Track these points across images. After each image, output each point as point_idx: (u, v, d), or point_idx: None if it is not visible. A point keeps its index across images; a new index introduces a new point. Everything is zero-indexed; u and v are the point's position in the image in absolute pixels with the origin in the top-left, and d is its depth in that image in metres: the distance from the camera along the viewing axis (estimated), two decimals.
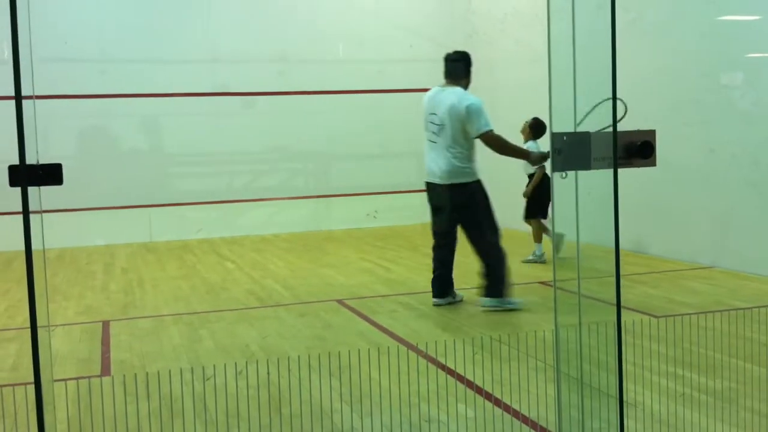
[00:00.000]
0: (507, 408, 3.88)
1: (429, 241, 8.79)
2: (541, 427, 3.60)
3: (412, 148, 12.31)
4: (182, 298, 7.05)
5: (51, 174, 2.05)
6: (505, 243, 6.21)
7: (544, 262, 8.17)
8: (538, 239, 8.26)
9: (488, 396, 4.04)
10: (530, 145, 8.08)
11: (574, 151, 2.76)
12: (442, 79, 6.31)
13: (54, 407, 2.86)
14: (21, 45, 2.11)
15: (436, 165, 6.16)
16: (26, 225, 1.99)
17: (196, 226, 11.24)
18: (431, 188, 6.31)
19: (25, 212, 2.02)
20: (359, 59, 11.94)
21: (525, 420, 3.69)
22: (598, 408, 2.85)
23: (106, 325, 6.01)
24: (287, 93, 11.68)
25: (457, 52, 6.36)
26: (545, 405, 3.82)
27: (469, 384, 4.24)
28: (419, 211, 12.35)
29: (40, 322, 2.30)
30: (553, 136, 2.74)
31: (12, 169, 2.03)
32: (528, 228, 8.59)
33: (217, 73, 11.42)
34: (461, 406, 3.93)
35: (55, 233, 8.94)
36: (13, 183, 2.04)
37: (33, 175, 2.05)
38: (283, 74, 11.62)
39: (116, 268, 8.93)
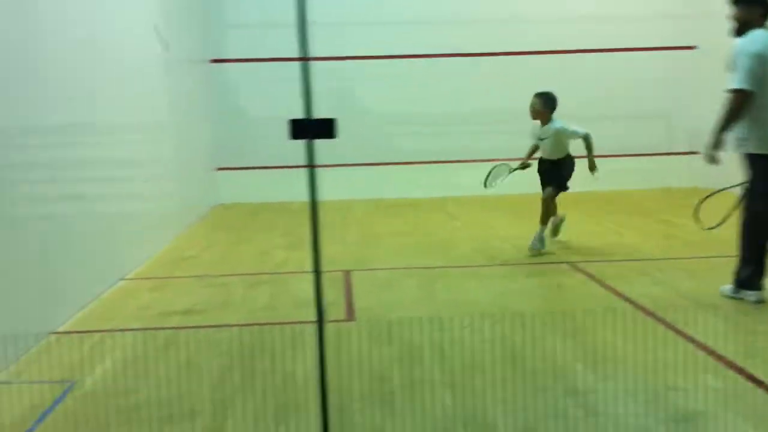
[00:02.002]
0: (758, 382, 3.70)
1: (660, 206, 8.49)
2: None
3: (640, 111, 11.89)
4: (414, 253, 7.32)
5: (326, 128, 2.21)
6: None
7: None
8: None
9: (737, 369, 3.87)
10: (557, 125, 7.17)
11: None
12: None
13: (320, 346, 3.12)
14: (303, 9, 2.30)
15: None
16: (311, 177, 2.18)
17: (423, 184, 11.55)
18: None
19: (311, 165, 2.21)
20: (589, 16, 11.59)
21: None
22: None
23: (347, 274, 6.40)
24: (517, 53, 11.61)
25: None
26: None
27: (713, 354, 4.08)
28: (648, 176, 11.95)
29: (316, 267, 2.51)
30: None
31: (295, 123, 2.21)
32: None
33: (448, 33, 11.57)
34: (707, 377, 3.80)
35: (296, 188, 9.61)
36: (295, 136, 2.21)
37: (312, 129, 2.22)
38: (503, 37, 11.56)
39: (352, 222, 9.44)
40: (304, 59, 2.28)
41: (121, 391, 3.84)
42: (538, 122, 7.33)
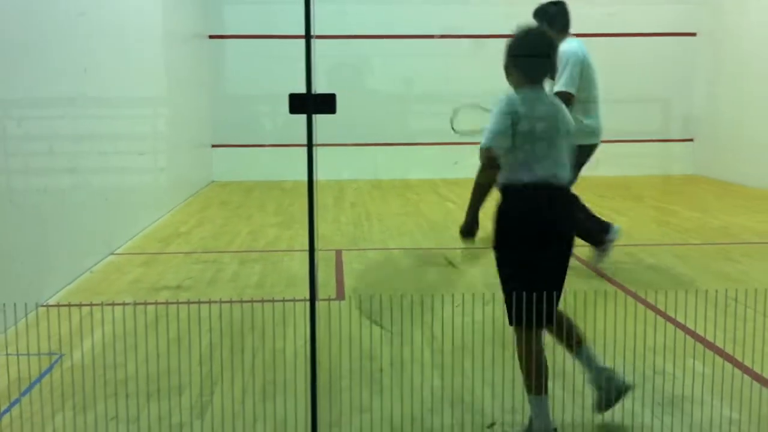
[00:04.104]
0: (744, 368, 3.71)
1: (655, 192, 8.48)
2: None
3: (640, 96, 11.84)
4: (407, 234, 7.31)
5: (326, 103, 2.18)
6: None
7: None
8: None
9: (722, 353, 3.88)
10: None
11: None
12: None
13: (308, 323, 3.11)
14: None
15: None
16: (310, 152, 2.15)
17: (420, 166, 11.50)
18: None
19: (310, 141, 2.17)
20: (590, 0, 11.52)
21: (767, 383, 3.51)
22: None
23: (338, 253, 6.39)
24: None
25: None
26: None
27: (701, 339, 4.09)
28: (646, 162, 11.93)
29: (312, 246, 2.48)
30: None
31: (295, 97, 2.17)
32: None
33: (447, 14, 11.50)
34: (693, 362, 3.81)
35: (287, 166, 9.59)
36: (295, 110, 2.18)
37: (312, 103, 2.19)
38: (510, 17, 11.48)
39: (345, 202, 9.41)
40: (307, 37, 2.25)
41: (109, 364, 3.83)
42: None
